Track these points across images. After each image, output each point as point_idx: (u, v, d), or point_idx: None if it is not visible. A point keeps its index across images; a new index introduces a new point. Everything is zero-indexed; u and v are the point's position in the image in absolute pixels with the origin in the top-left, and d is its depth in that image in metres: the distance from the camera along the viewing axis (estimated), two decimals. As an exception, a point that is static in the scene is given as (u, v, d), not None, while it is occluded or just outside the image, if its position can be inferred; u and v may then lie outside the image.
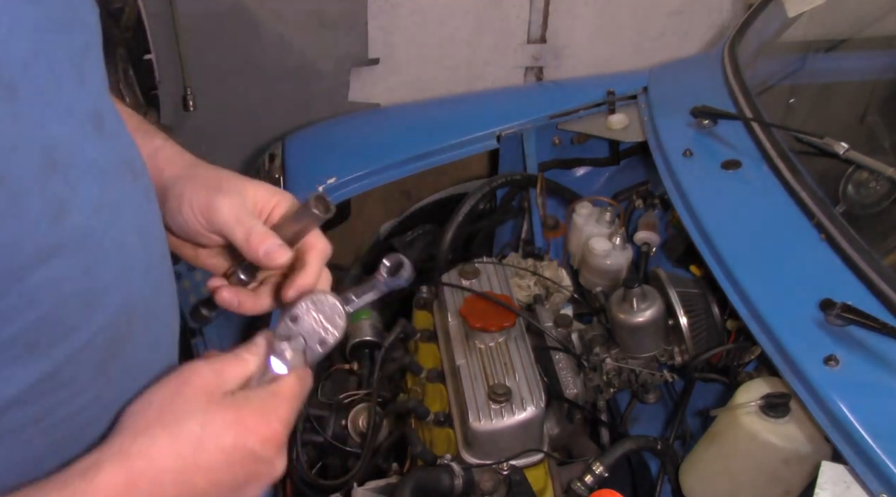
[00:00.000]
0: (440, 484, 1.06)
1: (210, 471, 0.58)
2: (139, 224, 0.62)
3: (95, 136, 0.57)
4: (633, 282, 1.30)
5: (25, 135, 0.49)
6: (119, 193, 0.59)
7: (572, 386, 1.29)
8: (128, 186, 0.61)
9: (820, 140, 1.36)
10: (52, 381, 0.54)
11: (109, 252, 0.57)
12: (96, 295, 0.56)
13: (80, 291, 0.55)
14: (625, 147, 1.83)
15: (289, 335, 0.66)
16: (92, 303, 0.56)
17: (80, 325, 0.55)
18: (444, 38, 2.48)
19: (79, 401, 0.57)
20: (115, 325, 0.58)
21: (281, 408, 0.63)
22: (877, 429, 0.93)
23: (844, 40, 1.86)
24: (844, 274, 1.13)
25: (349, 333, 1.45)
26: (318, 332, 0.67)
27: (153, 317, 0.64)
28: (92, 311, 0.56)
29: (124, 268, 0.59)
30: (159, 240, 0.67)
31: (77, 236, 0.54)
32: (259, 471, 0.61)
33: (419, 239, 1.80)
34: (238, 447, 0.59)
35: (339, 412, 1.33)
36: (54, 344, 0.54)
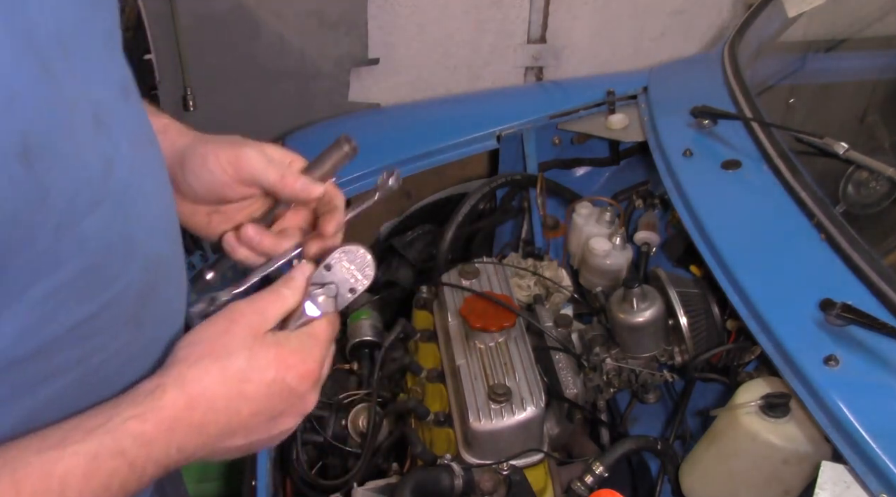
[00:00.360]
0: (440, 484, 1.06)
1: (253, 400, 0.64)
2: (159, 186, 0.69)
3: (125, 104, 0.64)
4: (633, 282, 1.30)
5: (79, 93, 0.55)
6: (144, 156, 0.66)
7: (572, 386, 1.29)
8: (149, 151, 0.68)
9: (820, 140, 1.36)
10: (93, 325, 0.60)
11: (141, 208, 0.64)
12: (132, 246, 0.63)
13: (120, 241, 0.61)
14: (625, 147, 1.83)
15: (322, 282, 0.72)
16: (128, 253, 0.62)
17: (118, 273, 0.61)
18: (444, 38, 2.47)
19: (113, 346, 0.63)
20: (145, 276, 0.64)
21: (315, 348, 0.69)
22: (877, 429, 0.93)
23: (844, 40, 1.86)
24: (844, 274, 1.12)
25: (349, 333, 1.45)
26: (349, 280, 0.73)
27: (171, 273, 0.70)
28: (128, 262, 0.62)
29: (151, 224, 0.66)
30: (172, 204, 0.73)
31: (119, 190, 0.60)
32: (294, 404, 0.68)
33: (419, 239, 1.80)
34: (277, 381, 0.66)
35: (339, 412, 1.33)
36: (97, 290, 0.60)
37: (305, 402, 0.70)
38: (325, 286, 0.72)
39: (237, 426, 0.65)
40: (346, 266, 0.73)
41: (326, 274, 0.73)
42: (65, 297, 0.57)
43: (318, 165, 0.79)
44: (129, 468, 0.58)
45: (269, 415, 0.67)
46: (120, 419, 0.58)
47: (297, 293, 0.71)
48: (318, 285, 0.72)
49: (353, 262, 0.74)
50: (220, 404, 0.63)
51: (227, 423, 0.64)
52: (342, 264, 0.73)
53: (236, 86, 2.36)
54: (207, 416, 0.62)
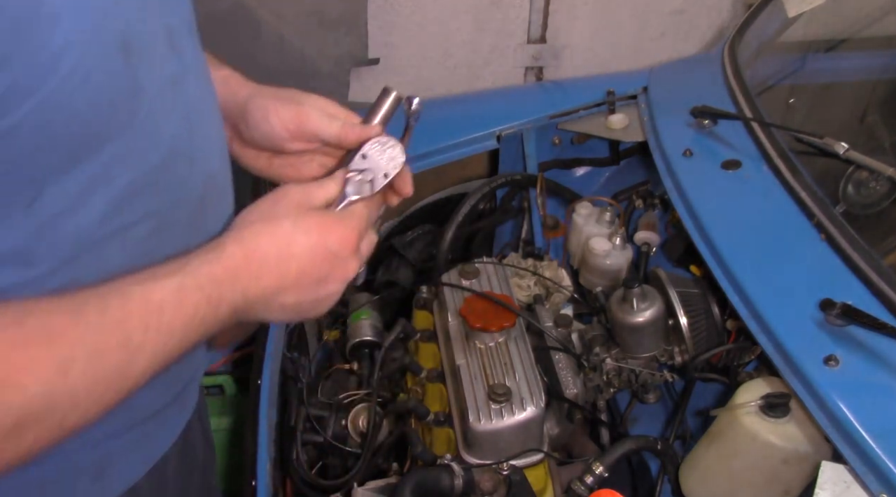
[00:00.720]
0: (440, 484, 1.06)
1: (299, 259, 0.73)
2: (215, 113, 0.80)
3: (190, 37, 0.76)
4: (633, 282, 1.30)
5: (158, 15, 0.67)
6: (205, 84, 0.78)
7: (572, 386, 1.29)
8: (208, 83, 0.79)
9: (820, 140, 1.36)
10: (160, 221, 0.72)
11: (201, 126, 0.75)
12: (193, 157, 0.74)
13: (186, 150, 0.73)
14: (625, 147, 1.83)
15: (359, 169, 0.82)
16: (191, 162, 0.74)
17: (183, 179, 0.73)
18: (444, 38, 2.47)
19: (174, 245, 0.73)
20: (202, 187, 0.76)
21: (353, 220, 0.77)
22: (877, 429, 0.93)
23: (844, 40, 1.86)
24: (844, 274, 1.12)
25: (349, 334, 1.45)
26: (383, 167, 0.83)
27: (224, 189, 0.82)
28: (191, 169, 0.74)
29: (208, 141, 0.77)
30: (223, 132, 0.85)
31: (186, 104, 0.72)
32: (335, 267, 0.75)
33: (419, 239, 1.80)
34: (320, 244, 0.74)
35: (339, 412, 1.33)
36: (164, 191, 0.71)
37: (347, 267, 0.76)
38: (362, 172, 0.81)
39: (288, 283, 0.73)
40: (381, 154, 0.83)
41: (363, 162, 0.82)
42: (141, 189, 0.68)
43: (372, 116, 0.87)
44: (207, 302, 0.67)
45: (315, 276, 0.74)
46: (194, 264, 0.68)
47: (338, 185, 0.80)
48: (356, 172, 0.81)
49: (385, 151, 0.83)
50: (271, 260, 0.71)
51: (279, 278, 0.72)
52: (377, 153, 0.82)
53: (236, 86, 2.36)
54: (262, 268, 0.71)
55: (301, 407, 1.32)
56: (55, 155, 0.61)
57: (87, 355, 0.59)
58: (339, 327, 1.53)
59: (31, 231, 0.63)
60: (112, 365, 0.61)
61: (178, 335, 0.65)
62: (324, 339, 1.55)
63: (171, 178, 0.71)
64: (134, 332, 0.62)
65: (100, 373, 0.60)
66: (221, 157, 0.82)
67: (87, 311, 0.61)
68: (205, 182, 0.77)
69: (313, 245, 0.74)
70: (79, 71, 0.58)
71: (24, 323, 0.58)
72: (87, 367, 0.59)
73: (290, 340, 1.47)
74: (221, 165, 0.82)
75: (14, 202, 0.61)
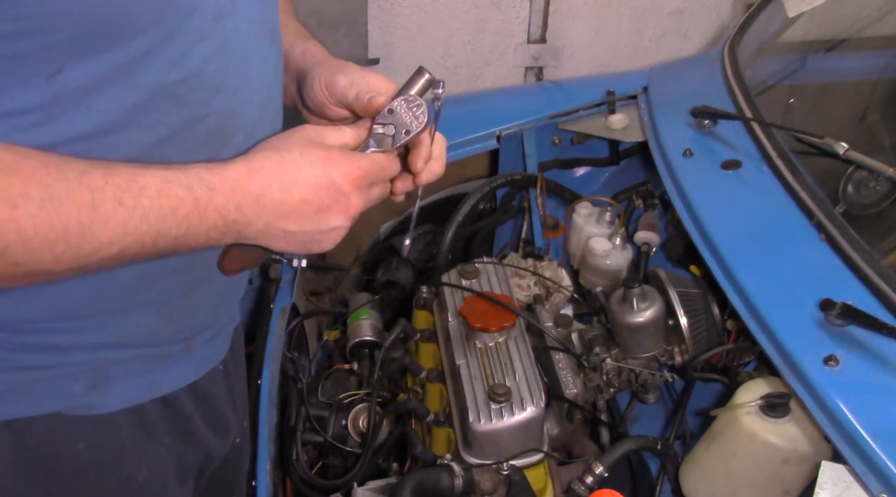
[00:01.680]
0: (440, 484, 1.06)
1: (303, 186, 0.75)
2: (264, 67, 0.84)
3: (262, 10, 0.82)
4: (633, 282, 1.30)
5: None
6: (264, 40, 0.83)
7: (572, 386, 1.29)
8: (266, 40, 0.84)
9: (820, 140, 1.36)
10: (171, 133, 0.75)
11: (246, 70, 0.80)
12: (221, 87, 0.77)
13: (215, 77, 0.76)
14: (625, 147, 1.83)
15: (384, 123, 0.84)
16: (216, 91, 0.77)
17: (205, 101, 0.76)
18: (444, 38, 2.47)
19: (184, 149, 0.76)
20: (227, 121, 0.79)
21: (364, 161, 0.79)
22: (877, 429, 0.93)
23: (844, 40, 1.86)
24: (844, 274, 1.12)
25: (349, 334, 1.45)
26: (406, 123, 0.84)
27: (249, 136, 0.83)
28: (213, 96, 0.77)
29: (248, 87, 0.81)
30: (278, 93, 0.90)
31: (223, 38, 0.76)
32: (339, 201, 0.77)
33: (419, 239, 1.80)
34: (325, 175, 0.76)
35: (339, 412, 1.33)
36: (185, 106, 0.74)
37: (350, 202, 0.78)
38: (385, 126, 0.84)
39: (289, 209, 0.75)
40: (406, 111, 0.84)
41: (388, 116, 0.84)
42: (157, 96, 0.71)
43: (404, 90, 0.88)
44: (194, 203, 0.69)
45: (318, 206, 0.76)
46: (193, 167, 0.71)
47: (356, 133, 0.82)
48: (380, 125, 0.84)
49: (412, 108, 0.84)
50: (275, 183, 0.74)
51: (281, 202, 0.74)
52: (403, 110, 0.84)
53: (236, 86, 2.36)
54: (264, 189, 0.73)
55: (301, 407, 1.32)
56: (75, 29, 0.64)
57: (42, 198, 0.62)
58: (339, 327, 1.53)
59: (48, 99, 0.66)
60: (69, 218, 0.63)
61: (153, 224, 0.67)
62: (324, 339, 1.55)
63: (190, 99, 0.74)
64: (104, 201, 0.64)
65: (54, 221, 0.62)
66: (259, 108, 0.84)
67: (66, 168, 0.64)
68: (226, 117, 0.79)
69: (318, 175, 0.75)
70: None
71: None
72: (39, 209, 0.61)
73: (290, 340, 1.47)
74: (257, 116, 0.84)
75: (36, 68, 0.64)
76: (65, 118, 0.68)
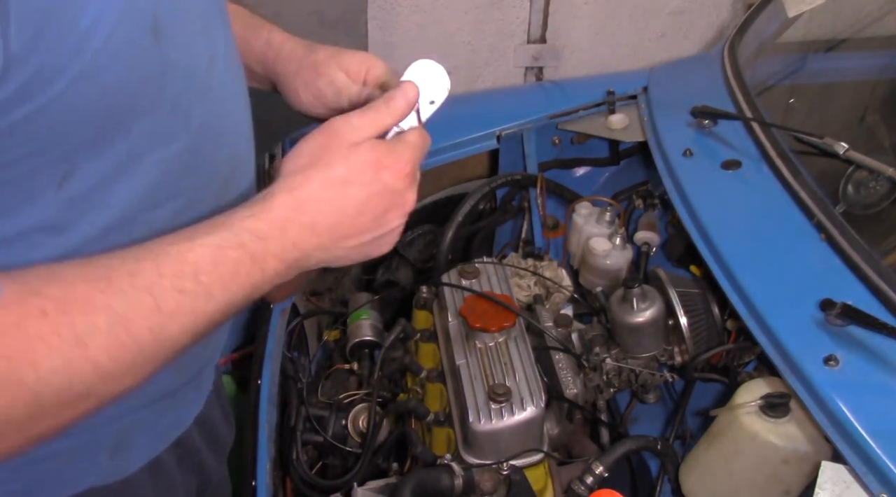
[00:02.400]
0: (440, 484, 1.06)
1: (356, 200, 0.71)
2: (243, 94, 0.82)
3: (221, 19, 0.77)
4: (633, 282, 1.29)
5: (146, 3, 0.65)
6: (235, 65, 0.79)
7: (572, 386, 1.29)
8: (236, 62, 0.80)
9: (820, 140, 1.36)
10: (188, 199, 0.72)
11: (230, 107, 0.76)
12: (221, 138, 0.75)
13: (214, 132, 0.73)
14: (625, 147, 1.83)
15: None
16: (219, 144, 0.75)
17: (210, 158, 0.74)
18: (444, 38, 2.47)
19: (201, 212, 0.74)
20: (229, 168, 0.77)
21: (407, 151, 0.75)
22: (877, 429, 0.93)
23: (844, 40, 1.86)
24: (844, 274, 1.12)
25: (349, 334, 1.45)
26: (428, 92, 0.81)
27: (246, 172, 0.82)
28: (218, 150, 0.75)
29: (235, 123, 0.78)
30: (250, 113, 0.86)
31: (217, 87, 0.73)
32: (394, 201, 0.74)
33: (419, 239, 1.80)
34: (376, 181, 0.72)
35: (339, 412, 1.33)
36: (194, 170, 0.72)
37: (405, 199, 0.75)
38: None
39: (347, 228, 0.71)
40: (424, 80, 0.81)
41: None
42: (169, 169, 0.68)
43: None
44: (251, 259, 0.65)
45: (374, 214, 0.73)
46: (237, 218, 0.66)
47: (396, 114, 0.77)
48: None
49: (431, 76, 0.81)
50: (326, 206, 0.69)
51: (337, 224, 0.70)
52: (421, 79, 0.80)
53: (236, 86, 2.36)
54: (317, 217, 0.69)
55: (301, 407, 1.32)
56: (86, 133, 0.61)
57: (110, 324, 0.56)
58: (339, 327, 1.53)
59: (62, 207, 0.63)
60: (142, 333, 0.58)
61: (219, 297, 0.63)
62: (324, 339, 1.55)
63: (199, 160, 0.72)
64: (164, 297, 0.59)
65: (128, 342, 0.57)
66: (247, 140, 0.83)
67: (115, 276, 0.58)
68: (230, 164, 0.78)
69: (369, 183, 0.71)
70: (108, 50, 0.58)
71: (43, 292, 0.55)
72: (111, 338, 0.56)
73: (290, 340, 1.47)
74: (246, 148, 0.83)
75: (46, 180, 0.61)
76: (83, 221, 0.65)
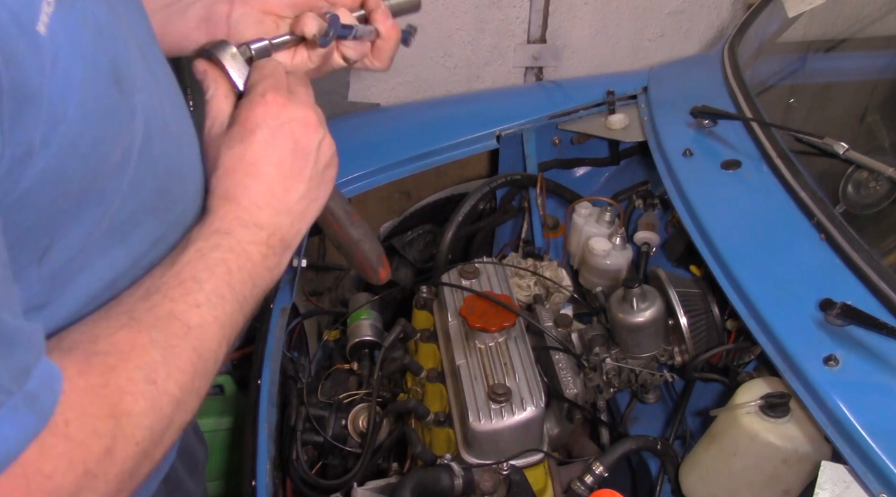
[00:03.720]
0: (440, 484, 1.06)
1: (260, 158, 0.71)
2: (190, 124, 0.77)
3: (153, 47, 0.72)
4: (633, 282, 1.29)
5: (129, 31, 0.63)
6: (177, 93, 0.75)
7: (572, 386, 1.29)
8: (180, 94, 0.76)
9: (820, 140, 1.36)
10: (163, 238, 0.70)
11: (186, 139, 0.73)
12: (184, 173, 0.72)
13: (177, 168, 0.70)
14: (625, 147, 1.83)
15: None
16: (183, 179, 0.71)
17: (179, 196, 0.71)
18: (444, 38, 2.47)
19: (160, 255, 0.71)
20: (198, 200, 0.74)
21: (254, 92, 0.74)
22: (877, 429, 0.93)
23: (844, 40, 1.86)
24: (844, 274, 1.12)
25: (349, 334, 1.45)
26: None
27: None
28: (185, 186, 0.72)
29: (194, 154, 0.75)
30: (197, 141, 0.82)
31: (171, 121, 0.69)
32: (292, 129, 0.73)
33: (419, 239, 1.80)
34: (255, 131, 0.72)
35: (339, 412, 1.33)
36: (166, 212, 0.69)
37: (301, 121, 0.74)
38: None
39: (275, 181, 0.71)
40: None
41: None
42: (143, 218, 0.66)
43: None
44: (233, 254, 0.67)
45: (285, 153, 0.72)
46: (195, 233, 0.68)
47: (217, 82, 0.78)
48: None
49: None
50: (245, 182, 0.71)
51: (267, 186, 0.71)
52: None
53: (236, 86, 2.36)
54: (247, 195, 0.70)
55: (301, 407, 1.32)
56: (66, 204, 0.58)
57: (163, 355, 0.59)
58: (339, 327, 1.53)
59: (44, 283, 0.60)
60: (188, 354, 0.61)
61: (228, 296, 0.65)
62: (324, 339, 1.55)
63: (166, 201, 0.70)
64: (189, 315, 0.62)
65: (182, 365, 0.60)
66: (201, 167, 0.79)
67: (138, 316, 0.60)
68: (198, 197, 0.75)
69: (254, 139, 0.72)
70: (81, 112, 0.55)
71: (96, 350, 0.56)
72: (169, 366, 0.59)
73: (290, 340, 1.47)
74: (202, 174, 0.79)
75: (27, 258, 0.57)
76: (65, 293, 0.62)
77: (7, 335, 0.49)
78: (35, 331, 0.52)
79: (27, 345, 0.51)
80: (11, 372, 0.49)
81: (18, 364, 0.49)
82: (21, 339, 0.50)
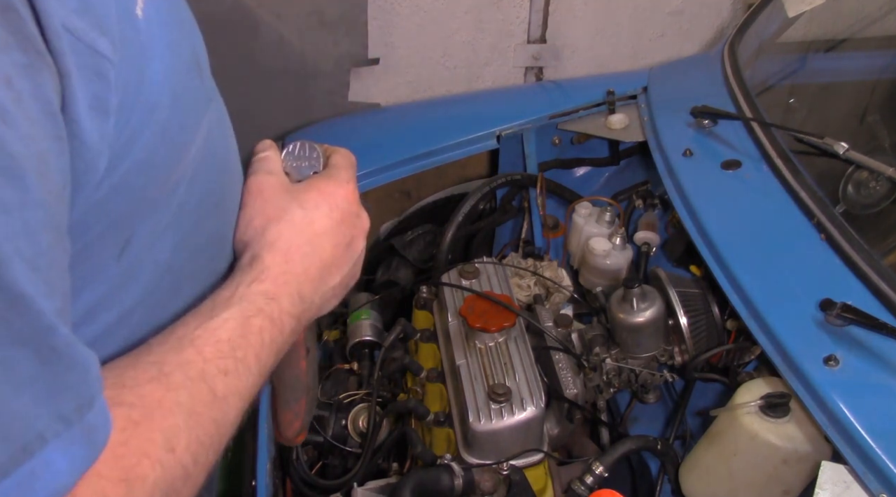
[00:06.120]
0: (440, 484, 1.06)
1: (327, 234, 0.72)
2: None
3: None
4: (633, 282, 1.29)
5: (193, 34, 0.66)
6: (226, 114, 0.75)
7: (572, 386, 1.29)
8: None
9: (820, 140, 1.36)
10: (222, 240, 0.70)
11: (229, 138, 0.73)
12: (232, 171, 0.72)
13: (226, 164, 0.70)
14: (625, 147, 1.83)
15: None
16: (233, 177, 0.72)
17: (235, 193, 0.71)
18: (444, 38, 2.47)
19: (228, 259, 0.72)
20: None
21: (341, 172, 0.76)
22: (877, 429, 0.93)
23: (844, 40, 1.86)
24: (844, 274, 1.12)
25: (349, 334, 1.45)
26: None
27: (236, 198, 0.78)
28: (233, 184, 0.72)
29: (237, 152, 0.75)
30: None
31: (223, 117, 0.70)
32: (355, 224, 0.76)
33: (419, 239, 1.80)
34: (333, 209, 0.73)
35: (339, 412, 1.33)
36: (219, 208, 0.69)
37: (362, 220, 0.77)
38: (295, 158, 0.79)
39: (328, 262, 0.72)
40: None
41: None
42: (206, 213, 0.66)
43: None
44: (271, 323, 0.65)
45: (344, 242, 0.74)
46: (243, 286, 0.65)
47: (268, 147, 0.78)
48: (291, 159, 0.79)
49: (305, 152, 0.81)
50: (306, 249, 0.70)
51: (321, 262, 0.71)
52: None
53: (236, 85, 2.35)
54: (304, 262, 0.70)
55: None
56: (153, 192, 0.57)
57: (186, 422, 0.54)
58: (339, 327, 1.53)
59: (121, 277, 0.58)
60: (209, 426, 0.56)
61: (254, 368, 0.62)
62: (324, 339, 1.55)
63: (218, 195, 0.69)
64: (216, 382, 0.58)
65: (202, 437, 0.55)
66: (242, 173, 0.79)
67: (168, 370, 0.56)
68: (237, 196, 0.74)
69: (328, 214, 0.73)
70: (171, 97, 0.56)
71: (121, 400, 0.51)
72: (189, 436, 0.54)
73: (290, 340, 1.47)
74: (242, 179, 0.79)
75: (109, 252, 0.56)
76: (133, 286, 0.60)
77: (80, 361, 0.46)
78: (94, 358, 0.49)
79: (95, 374, 0.48)
80: (77, 400, 0.46)
81: (84, 393, 0.47)
82: (90, 367, 0.48)
